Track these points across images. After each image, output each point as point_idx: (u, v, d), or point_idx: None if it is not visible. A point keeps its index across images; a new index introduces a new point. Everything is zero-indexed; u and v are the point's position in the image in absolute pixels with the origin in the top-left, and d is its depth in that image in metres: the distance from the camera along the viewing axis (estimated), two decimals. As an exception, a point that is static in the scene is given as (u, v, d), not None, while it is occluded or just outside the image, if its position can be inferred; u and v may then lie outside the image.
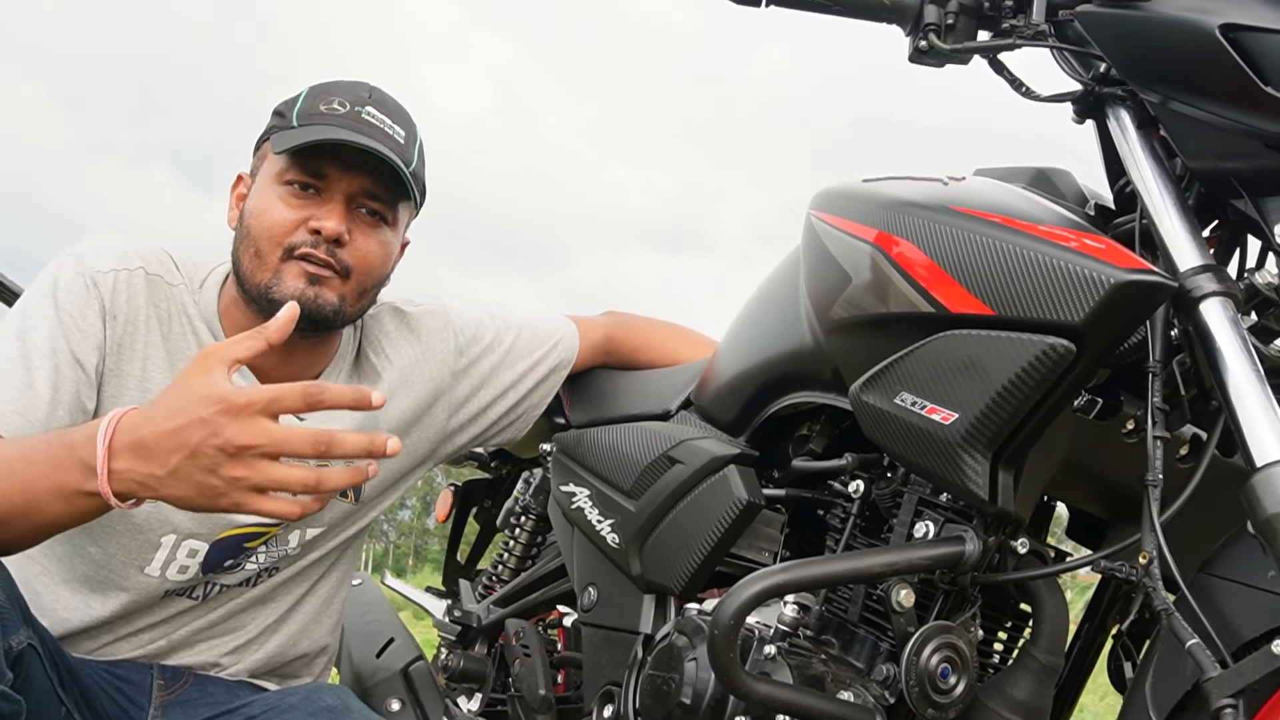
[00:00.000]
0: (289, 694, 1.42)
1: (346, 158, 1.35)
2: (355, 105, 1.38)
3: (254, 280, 1.35)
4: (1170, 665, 0.98)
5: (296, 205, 1.35)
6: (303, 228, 1.34)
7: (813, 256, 1.28)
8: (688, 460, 1.42)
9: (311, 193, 1.36)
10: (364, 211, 1.39)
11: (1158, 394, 1.00)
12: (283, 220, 1.34)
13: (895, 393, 1.11)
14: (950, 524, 1.12)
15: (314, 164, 1.35)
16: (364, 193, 1.38)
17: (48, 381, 1.25)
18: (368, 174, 1.36)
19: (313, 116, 1.37)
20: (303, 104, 1.39)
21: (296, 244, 1.34)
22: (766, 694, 1.06)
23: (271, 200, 1.36)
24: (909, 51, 1.22)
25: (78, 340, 1.29)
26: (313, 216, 1.34)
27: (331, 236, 1.34)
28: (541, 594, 1.77)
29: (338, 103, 1.38)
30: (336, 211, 1.35)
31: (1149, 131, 1.10)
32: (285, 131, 1.37)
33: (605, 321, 1.80)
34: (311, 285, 1.34)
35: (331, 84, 1.43)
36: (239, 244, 1.38)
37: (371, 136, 1.36)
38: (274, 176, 1.37)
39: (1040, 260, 1.00)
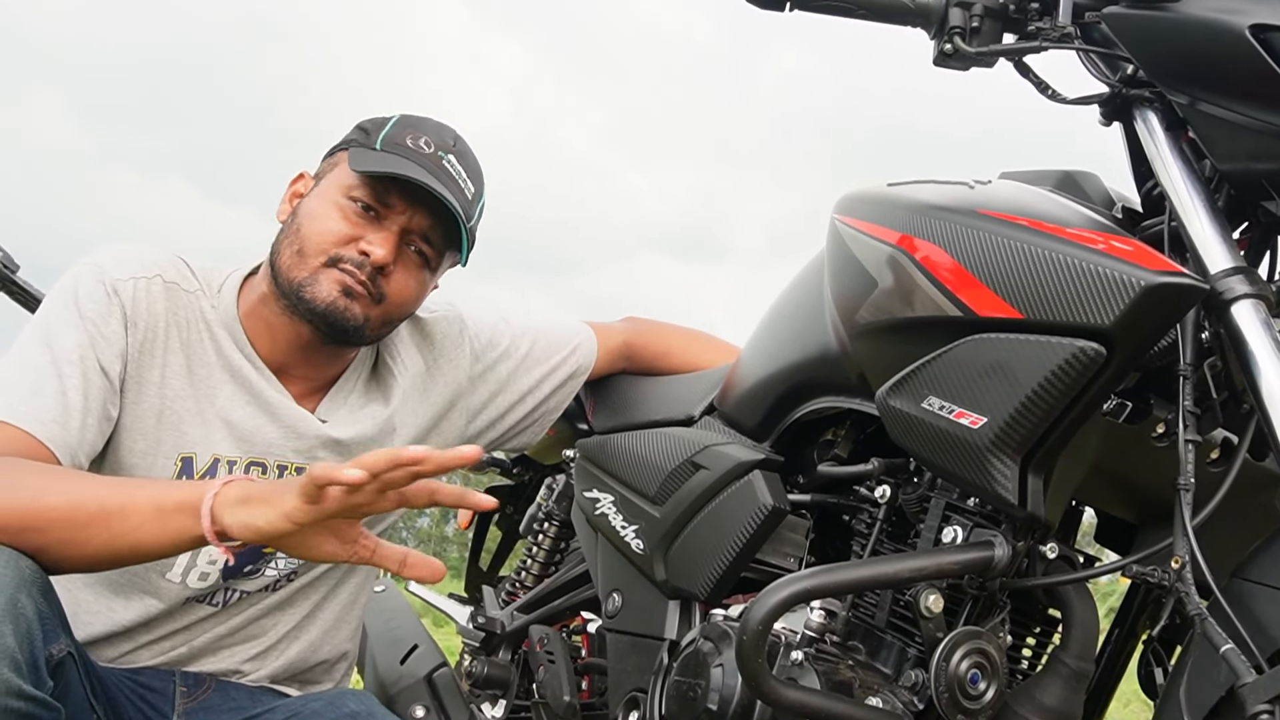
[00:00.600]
0: (312, 699, 1.43)
1: (415, 195, 1.38)
2: (440, 150, 1.42)
3: (289, 275, 1.37)
4: (1204, 671, 0.97)
5: (355, 222, 1.38)
6: (353, 245, 1.37)
7: (837, 261, 1.28)
8: (712, 466, 1.42)
9: (371, 215, 1.39)
10: (412, 249, 1.42)
11: (1188, 397, 0.99)
12: (336, 232, 1.37)
13: (923, 397, 1.10)
14: (979, 529, 1.12)
15: (383, 191, 1.39)
16: (419, 232, 1.41)
17: (79, 390, 1.27)
18: (430, 217, 1.40)
19: (398, 147, 1.40)
20: (391, 130, 1.42)
21: (342, 258, 1.37)
22: (795, 700, 1.06)
23: (330, 209, 1.39)
24: (933, 55, 1.22)
25: (103, 348, 1.31)
26: (365, 239, 1.37)
27: (379, 263, 1.37)
28: (565, 600, 1.77)
29: (424, 141, 1.42)
30: (390, 241, 1.38)
31: (1177, 133, 1.09)
32: (366, 151, 1.40)
33: (625, 328, 1.80)
34: (344, 296, 1.36)
35: (422, 120, 1.46)
36: (283, 237, 1.41)
37: (447, 185, 1.39)
38: (340, 188, 1.40)
39: (1069, 263, 1.00)
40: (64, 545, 1.11)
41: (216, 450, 1.37)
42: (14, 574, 1.03)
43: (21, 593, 1.03)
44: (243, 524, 1.09)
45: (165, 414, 1.36)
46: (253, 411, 1.39)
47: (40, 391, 1.25)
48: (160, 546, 1.13)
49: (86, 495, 1.13)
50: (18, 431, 1.21)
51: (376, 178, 1.38)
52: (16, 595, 1.02)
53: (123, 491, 1.14)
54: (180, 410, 1.36)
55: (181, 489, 1.14)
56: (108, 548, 1.12)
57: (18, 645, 0.99)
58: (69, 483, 1.16)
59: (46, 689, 1.03)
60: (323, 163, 1.47)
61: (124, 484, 1.20)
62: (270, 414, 1.40)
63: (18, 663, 0.99)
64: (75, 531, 1.11)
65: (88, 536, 1.11)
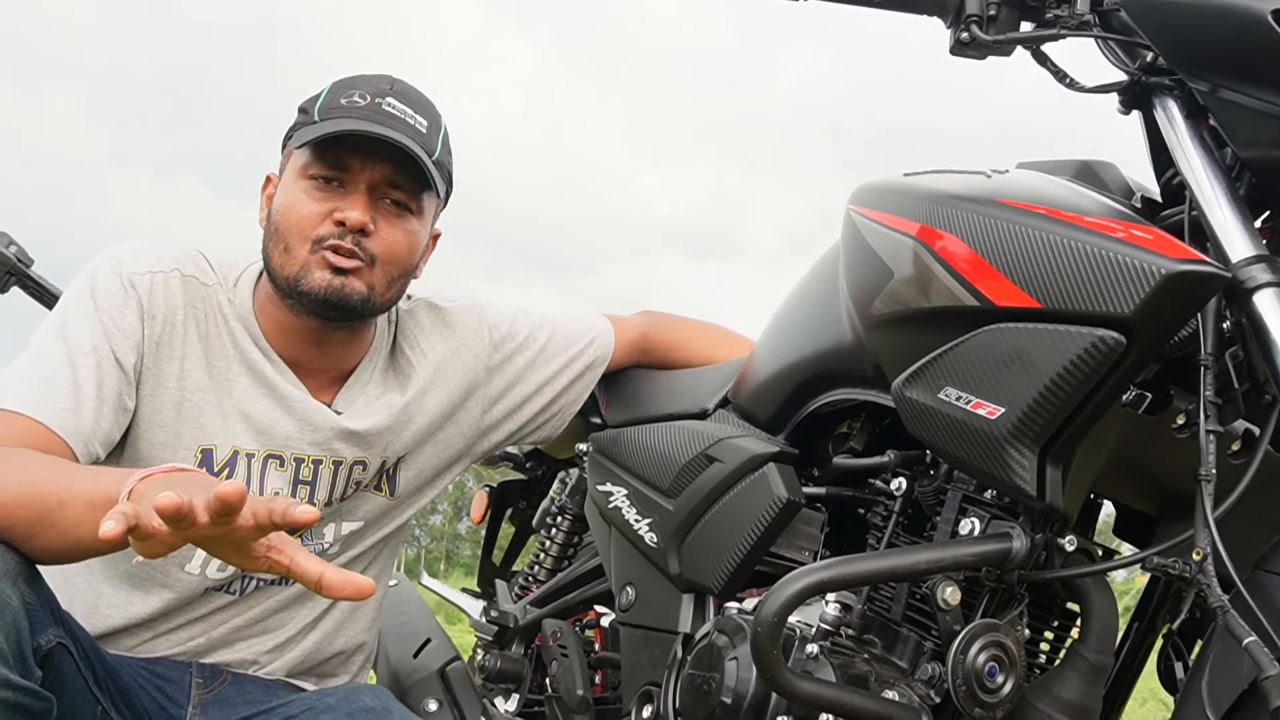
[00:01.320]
0: (327, 694, 1.42)
1: (367, 148, 1.36)
2: (376, 97, 1.39)
3: (283, 274, 1.36)
4: (1226, 664, 0.96)
5: (320, 198, 1.36)
6: (328, 220, 1.35)
7: (853, 251, 1.27)
8: (726, 458, 1.41)
9: (335, 185, 1.37)
10: (388, 202, 1.39)
11: (1209, 387, 0.98)
12: (308, 213, 1.36)
13: (939, 388, 1.09)
14: (996, 521, 1.11)
15: (335, 156, 1.36)
16: (386, 182, 1.38)
17: (92, 380, 1.28)
18: (389, 164, 1.37)
19: (333, 110, 1.38)
20: (324, 99, 1.40)
21: (323, 236, 1.35)
22: (811, 693, 1.05)
23: (296, 195, 1.37)
24: (950, 44, 1.20)
25: (118, 339, 1.31)
26: (337, 208, 1.36)
27: (356, 226, 1.35)
28: (579, 594, 1.76)
29: (358, 95, 1.39)
30: (360, 202, 1.36)
31: (1198, 121, 1.08)
32: (307, 127, 1.38)
33: (641, 320, 1.79)
34: (338, 276, 1.35)
35: (354, 78, 1.43)
36: (268, 241, 1.39)
37: (392, 127, 1.36)
38: (298, 172, 1.38)
39: (1088, 251, 0.99)
40: (24, 541, 1.08)
41: (236, 443, 1.38)
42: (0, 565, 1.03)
43: (6, 584, 1.02)
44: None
45: (185, 406, 1.36)
46: (269, 405, 1.39)
47: (53, 383, 1.26)
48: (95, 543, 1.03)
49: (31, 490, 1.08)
50: (29, 421, 1.22)
51: (322, 144, 1.35)
52: (1, 586, 1.01)
53: (63, 484, 1.08)
54: (199, 403, 1.37)
55: (109, 482, 1.05)
56: (55, 544, 1.08)
57: (3, 636, 0.99)
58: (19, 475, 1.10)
59: (35, 679, 1.03)
60: (281, 159, 1.45)
61: (67, 476, 1.11)
62: (286, 407, 1.40)
63: (3, 653, 0.99)
64: (33, 527, 1.07)
65: (42, 532, 1.07)
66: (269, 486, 1.39)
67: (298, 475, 1.41)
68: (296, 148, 1.38)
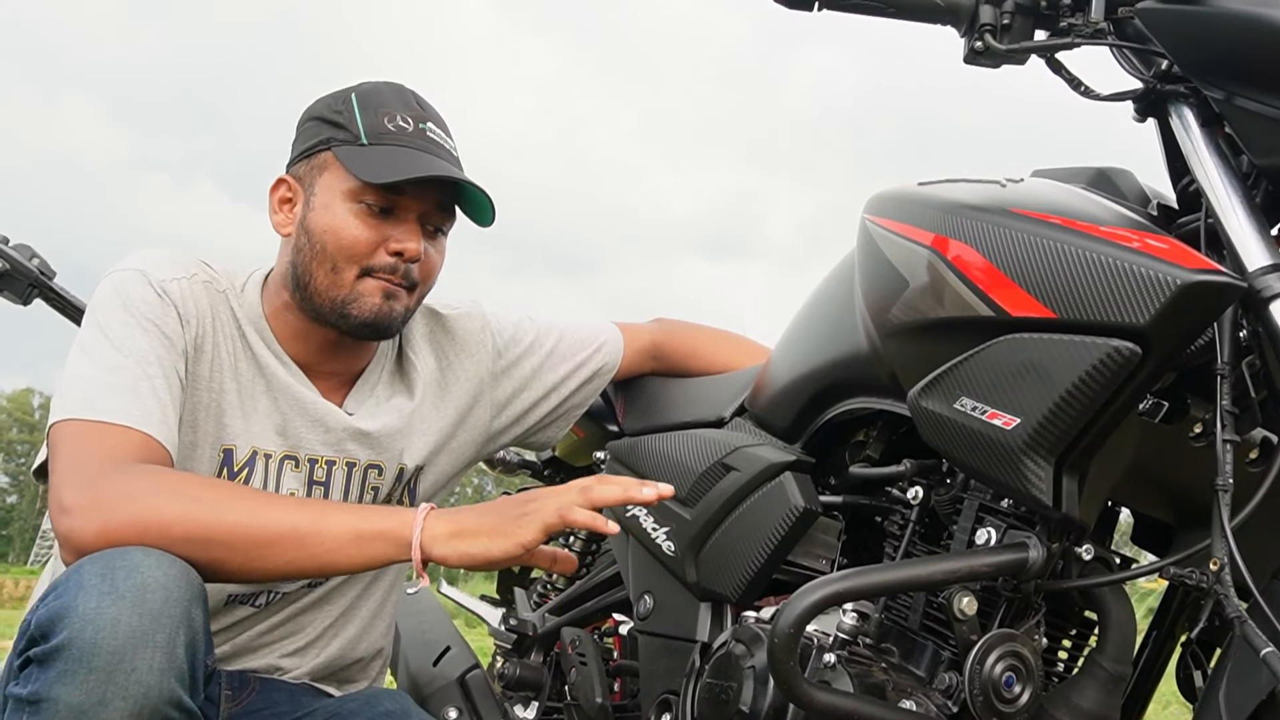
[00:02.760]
0: (349, 700, 1.44)
1: (423, 181, 1.37)
2: (417, 122, 1.41)
3: (328, 295, 1.38)
4: (1244, 674, 0.95)
5: (374, 225, 1.37)
6: (381, 249, 1.37)
7: (868, 261, 1.27)
8: (743, 467, 1.41)
9: (384, 211, 1.38)
10: (430, 228, 1.43)
11: (1226, 396, 0.98)
12: (364, 240, 1.37)
13: (955, 398, 1.09)
14: (1013, 530, 1.11)
15: (392, 186, 1.37)
16: (433, 209, 1.41)
17: (166, 389, 1.29)
18: (437, 193, 1.41)
19: (382, 136, 1.38)
20: (364, 118, 1.39)
21: (376, 266, 1.37)
22: (828, 702, 1.05)
23: (346, 219, 1.37)
24: (964, 53, 1.20)
25: (169, 347, 1.32)
26: (391, 237, 1.38)
27: (414, 258, 1.38)
28: (597, 602, 1.77)
29: (401, 118, 1.40)
30: (414, 232, 1.39)
31: (1213, 129, 1.07)
32: (355, 149, 1.37)
33: (653, 328, 1.80)
34: (387, 301, 1.38)
35: (379, 92, 1.43)
36: (309, 258, 1.38)
37: (439, 156, 1.39)
38: (346, 194, 1.37)
39: (1103, 261, 0.99)
40: (246, 561, 1.14)
41: (255, 443, 1.39)
42: (188, 586, 1.06)
43: (195, 606, 1.05)
44: (463, 555, 1.17)
45: (211, 407, 1.37)
46: (283, 406, 1.41)
47: (139, 393, 1.25)
48: (352, 568, 1.21)
49: (275, 516, 1.16)
50: (141, 435, 1.22)
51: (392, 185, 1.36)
52: (190, 608, 1.04)
53: (314, 514, 1.19)
54: (223, 404, 1.38)
55: (378, 517, 1.19)
56: (292, 566, 1.17)
57: (185, 657, 1.02)
58: (249, 501, 1.20)
59: (199, 701, 1.06)
60: (298, 164, 1.43)
61: (309, 505, 1.26)
62: (300, 409, 1.41)
63: (183, 674, 1.02)
64: (262, 550, 1.14)
65: (274, 555, 1.15)
66: (285, 487, 1.40)
67: (312, 476, 1.42)
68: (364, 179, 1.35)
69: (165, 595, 1.03)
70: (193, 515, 1.13)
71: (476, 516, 1.18)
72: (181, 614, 1.03)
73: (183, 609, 1.03)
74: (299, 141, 1.45)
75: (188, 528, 1.11)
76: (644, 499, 1.19)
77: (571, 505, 1.16)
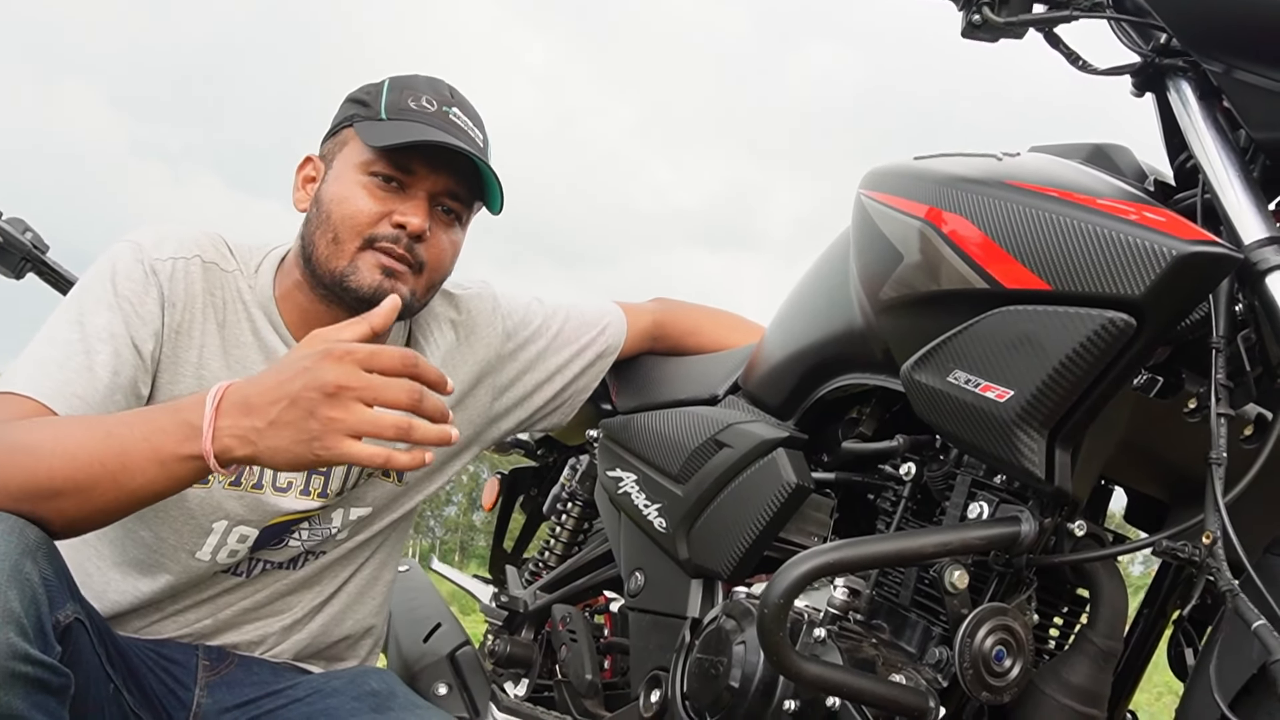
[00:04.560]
0: (334, 677, 1.43)
1: (434, 156, 1.37)
2: (443, 105, 1.40)
3: (329, 266, 1.36)
4: (1235, 647, 0.95)
5: (381, 197, 1.37)
6: (385, 220, 1.36)
7: (863, 236, 1.26)
8: (736, 444, 1.41)
9: (395, 186, 1.38)
10: (442, 209, 1.41)
11: (1221, 370, 0.97)
12: (367, 210, 1.36)
13: (948, 371, 1.09)
14: (1005, 505, 1.10)
15: (404, 160, 1.37)
16: (446, 192, 1.40)
17: (108, 366, 1.27)
18: (452, 174, 1.39)
19: (403, 112, 1.38)
20: (389, 96, 1.40)
21: (378, 236, 1.36)
22: (817, 675, 1.05)
23: (354, 189, 1.37)
24: (962, 26, 1.19)
25: (136, 326, 1.31)
26: (396, 210, 1.36)
27: (416, 233, 1.36)
28: (588, 579, 1.77)
29: (425, 100, 1.40)
30: (421, 208, 1.37)
31: (1212, 103, 1.07)
32: (373, 123, 1.38)
33: (653, 308, 1.79)
34: (388, 278, 1.36)
35: (413, 79, 1.44)
36: (314, 228, 1.39)
37: (458, 138, 1.38)
38: (358, 165, 1.38)
39: (1099, 233, 0.98)
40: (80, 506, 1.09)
41: None
42: (19, 541, 1.03)
43: (27, 559, 1.03)
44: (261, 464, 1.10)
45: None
46: None
47: (66, 366, 1.25)
48: (169, 492, 1.12)
49: (84, 456, 1.09)
50: (36, 405, 1.21)
51: (398, 150, 1.36)
52: (22, 561, 1.02)
53: (116, 446, 1.10)
54: None
55: (170, 436, 1.09)
56: (116, 504, 1.11)
57: (23, 610, 0.99)
58: (64, 443, 1.11)
59: (54, 654, 1.03)
60: (325, 144, 1.46)
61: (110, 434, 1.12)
62: None
63: (24, 627, 0.99)
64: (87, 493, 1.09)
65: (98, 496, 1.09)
66: (283, 475, 1.39)
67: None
68: (369, 144, 1.37)
69: None
70: (21, 466, 1.08)
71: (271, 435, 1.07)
72: (10, 569, 1.00)
73: (11, 564, 1.00)
74: (331, 123, 1.47)
75: (20, 481, 1.08)
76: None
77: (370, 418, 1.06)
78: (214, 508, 1.36)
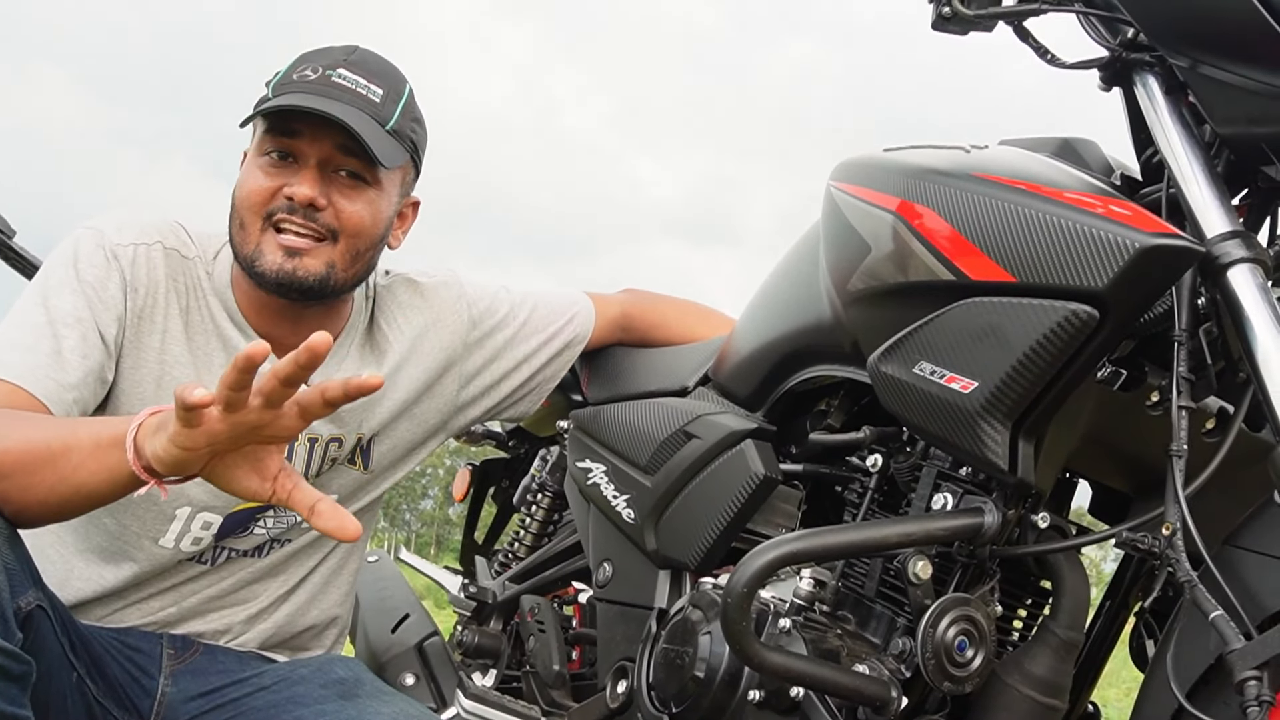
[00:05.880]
0: (300, 665, 1.42)
1: (315, 123, 1.33)
2: (328, 69, 1.37)
3: (242, 251, 1.36)
4: (1193, 638, 0.96)
5: (273, 174, 1.35)
6: (279, 195, 1.34)
7: (833, 228, 1.26)
8: (704, 435, 1.41)
9: (289, 161, 1.35)
10: (343, 174, 1.37)
11: (1183, 363, 0.98)
12: (259, 188, 1.35)
13: (914, 362, 1.09)
14: (969, 496, 1.11)
15: (287, 133, 1.35)
16: (338, 156, 1.36)
17: (76, 350, 1.26)
18: (340, 135, 1.34)
19: (285, 86, 1.36)
20: (282, 74, 1.39)
21: (274, 210, 1.34)
22: (780, 664, 1.05)
23: (251, 171, 1.36)
24: (932, 18, 1.20)
25: (100, 311, 1.30)
26: (287, 183, 1.34)
27: (304, 202, 1.33)
28: (557, 570, 1.76)
29: (310, 69, 1.37)
30: (309, 177, 1.34)
31: (1178, 97, 1.07)
32: (263, 103, 1.37)
33: (623, 299, 1.79)
34: (290, 258, 1.34)
35: (315, 51, 1.42)
36: (230, 217, 1.39)
37: (339, 99, 1.34)
38: (255, 149, 1.38)
39: (1064, 225, 0.98)
40: (21, 489, 1.08)
41: None
42: None
43: None
44: (153, 452, 1.01)
45: (164, 380, 1.35)
46: None
47: (35, 349, 1.24)
48: (99, 485, 1.07)
49: (35, 437, 1.09)
50: (10, 386, 1.21)
51: (272, 120, 1.34)
52: None
53: (68, 430, 1.09)
54: (179, 376, 1.35)
55: (115, 423, 1.07)
56: (54, 492, 1.08)
57: None
58: (23, 428, 1.11)
59: (15, 641, 1.02)
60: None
61: (71, 423, 1.14)
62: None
63: None
64: (29, 476, 1.08)
65: (39, 479, 1.08)
66: None
67: None
68: (252, 124, 1.37)
69: None
70: None
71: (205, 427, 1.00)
72: None
73: None
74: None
75: None
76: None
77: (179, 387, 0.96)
78: (176, 493, 1.35)
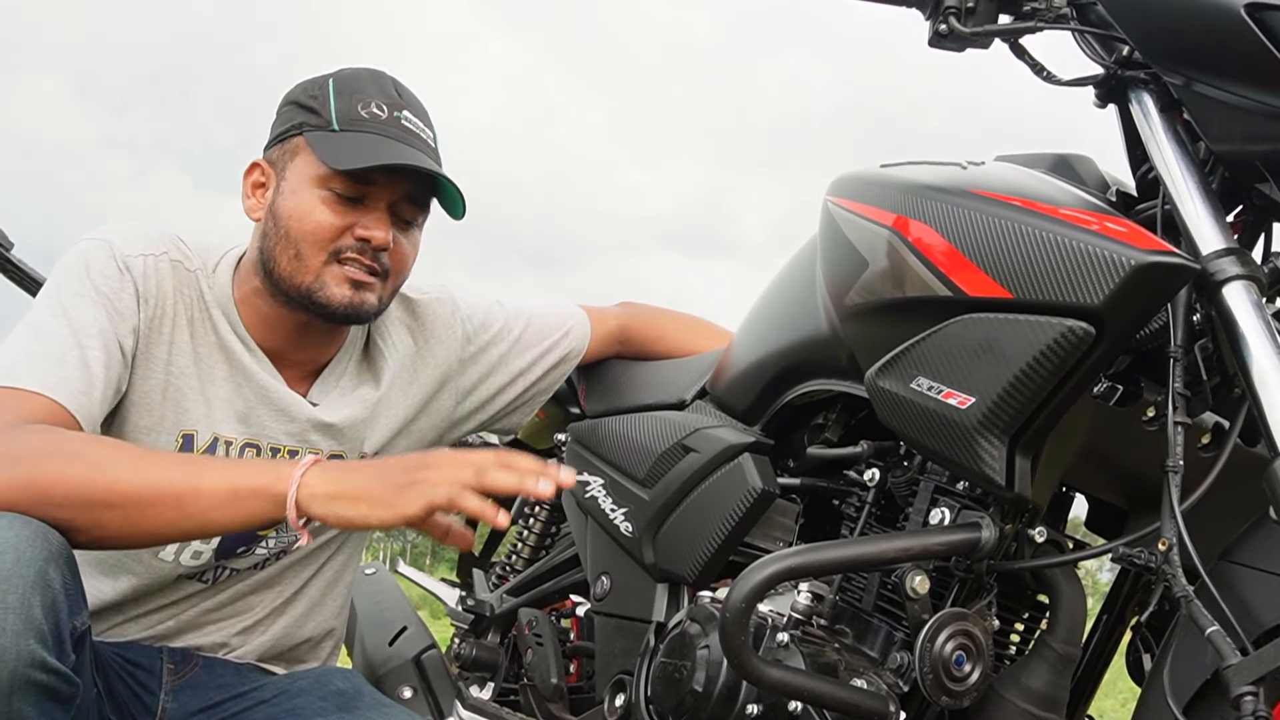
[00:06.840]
0: (299, 677, 1.42)
1: (392, 168, 1.35)
2: (393, 110, 1.38)
3: (294, 281, 1.35)
4: (1190, 653, 0.96)
5: (341, 211, 1.35)
6: (348, 234, 1.35)
7: (830, 243, 1.27)
8: (702, 448, 1.41)
9: (353, 199, 1.36)
10: (399, 217, 1.40)
11: (1179, 379, 0.99)
12: (327, 225, 1.35)
13: (911, 377, 1.09)
14: (966, 511, 1.11)
15: (363, 178, 1.35)
16: (404, 200, 1.39)
17: (100, 362, 1.26)
18: (408, 182, 1.38)
19: (355, 123, 1.36)
20: (338, 103, 1.37)
21: (342, 249, 1.35)
22: (778, 679, 1.05)
23: (312, 203, 1.35)
24: (929, 35, 1.21)
25: (118, 323, 1.30)
26: (358, 224, 1.35)
27: (382, 246, 1.36)
28: (555, 583, 1.76)
29: (375, 105, 1.38)
30: (384, 221, 1.37)
31: (1172, 115, 1.08)
32: (326, 135, 1.36)
33: (619, 312, 1.79)
34: (357, 291, 1.36)
35: (357, 78, 1.41)
36: (274, 243, 1.37)
37: (413, 145, 1.37)
38: (314, 180, 1.36)
39: (1060, 242, 0.99)
40: (127, 522, 1.11)
41: (217, 429, 1.37)
42: (43, 547, 1.03)
43: (50, 566, 1.02)
44: (340, 518, 1.12)
45: (169, 391, 1.35)
46: (247, 394, 1.39)
47: (65, 362, 1.24)
48: (230, 527, 1.16)
49: (155, 474, 1.13)
50: (48, 401, 1.20)
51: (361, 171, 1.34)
52: (46, 568, 1.02)
53: (192, 471, 1.15)
54: (183, 388, 1.36)
55: (255, 473, 1.15)
56: (172, 526, 1.13)
57: (44, 617, 0.99)
58: (133, 459, 1.15)
59: (69, 663, 1.03)
60: (272, 149, 1.42)
61: (190, 462, 1.23)
62: (263, 397, 1.39)
63: (44, 635, 0.99)
64: (142, 509, 1.11)
65: (155, 514, 1.12)
66: None
67: None
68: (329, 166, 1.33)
69: (16, 556, 1.00)
70: (73, 475, 1.10)
71: (362, 478, 1.14)
72: (35, 575, 1.00)
73: (36, 569, 1.00)
74: (275, 126, 1.43)
75: (68, 488, 1.09)
76: (538, 493, 1.12)
77: (464, 490, 1.10)
78: None
